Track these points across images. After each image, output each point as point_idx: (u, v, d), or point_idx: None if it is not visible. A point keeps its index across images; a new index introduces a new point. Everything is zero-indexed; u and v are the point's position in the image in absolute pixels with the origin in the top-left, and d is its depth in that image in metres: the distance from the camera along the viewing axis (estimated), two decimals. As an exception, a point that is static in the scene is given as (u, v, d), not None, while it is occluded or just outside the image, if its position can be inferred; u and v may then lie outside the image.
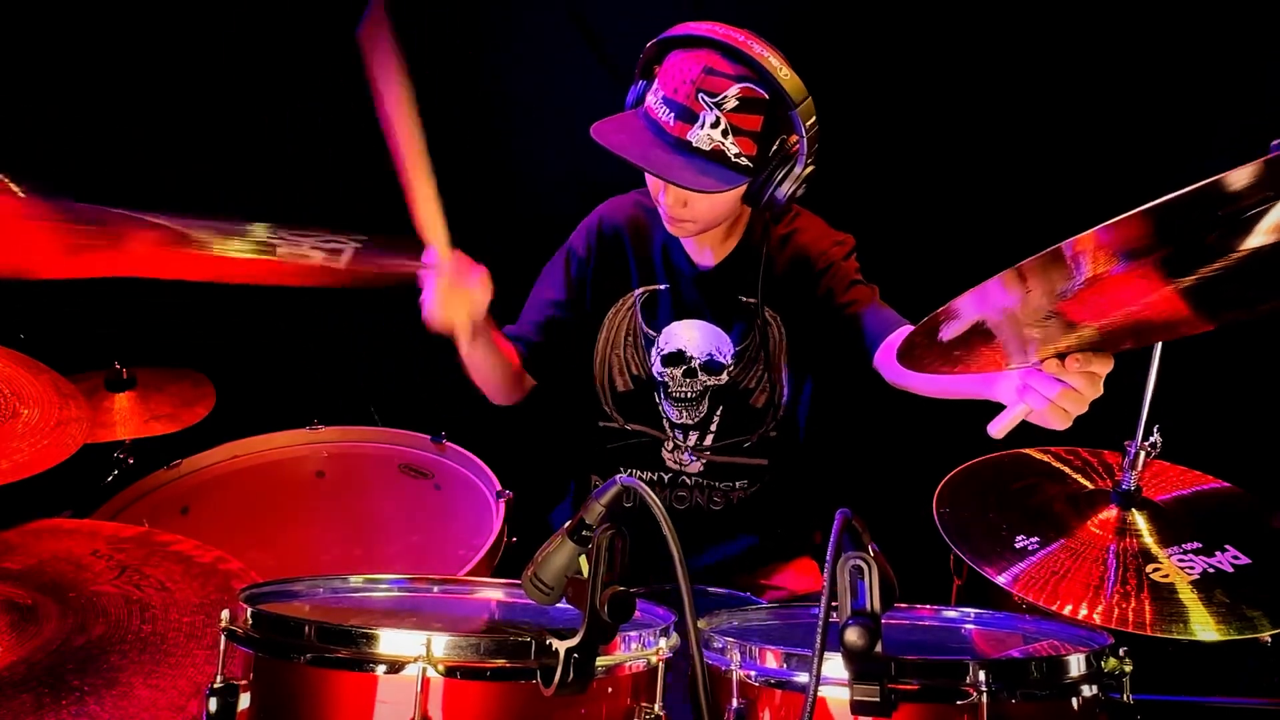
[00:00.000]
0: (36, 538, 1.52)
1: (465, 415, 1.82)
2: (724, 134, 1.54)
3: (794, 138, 1.57)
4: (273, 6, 2.48)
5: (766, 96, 1.54)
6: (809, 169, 1.59)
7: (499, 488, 1.90)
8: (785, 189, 1.60)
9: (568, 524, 1.00)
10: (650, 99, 1.60)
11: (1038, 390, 1.20)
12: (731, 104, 1.53)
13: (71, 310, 2.24)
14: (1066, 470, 1.70)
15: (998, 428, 1.24)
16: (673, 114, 1.55)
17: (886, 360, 1.63)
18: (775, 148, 1.58)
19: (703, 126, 1.54)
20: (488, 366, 1.73)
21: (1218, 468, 1.69)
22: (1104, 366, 1.17)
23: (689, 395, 1.83)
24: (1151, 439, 1.51)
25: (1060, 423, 1.21)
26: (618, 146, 1.57)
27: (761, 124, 1.55)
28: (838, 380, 1.92)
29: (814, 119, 1.57)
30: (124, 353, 2.27)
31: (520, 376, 1.83)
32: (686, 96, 1.54)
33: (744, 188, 1.61)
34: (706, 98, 1.53)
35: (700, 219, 1.66)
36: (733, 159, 1.56)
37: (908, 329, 1.61)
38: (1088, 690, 1.08)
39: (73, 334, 2.16)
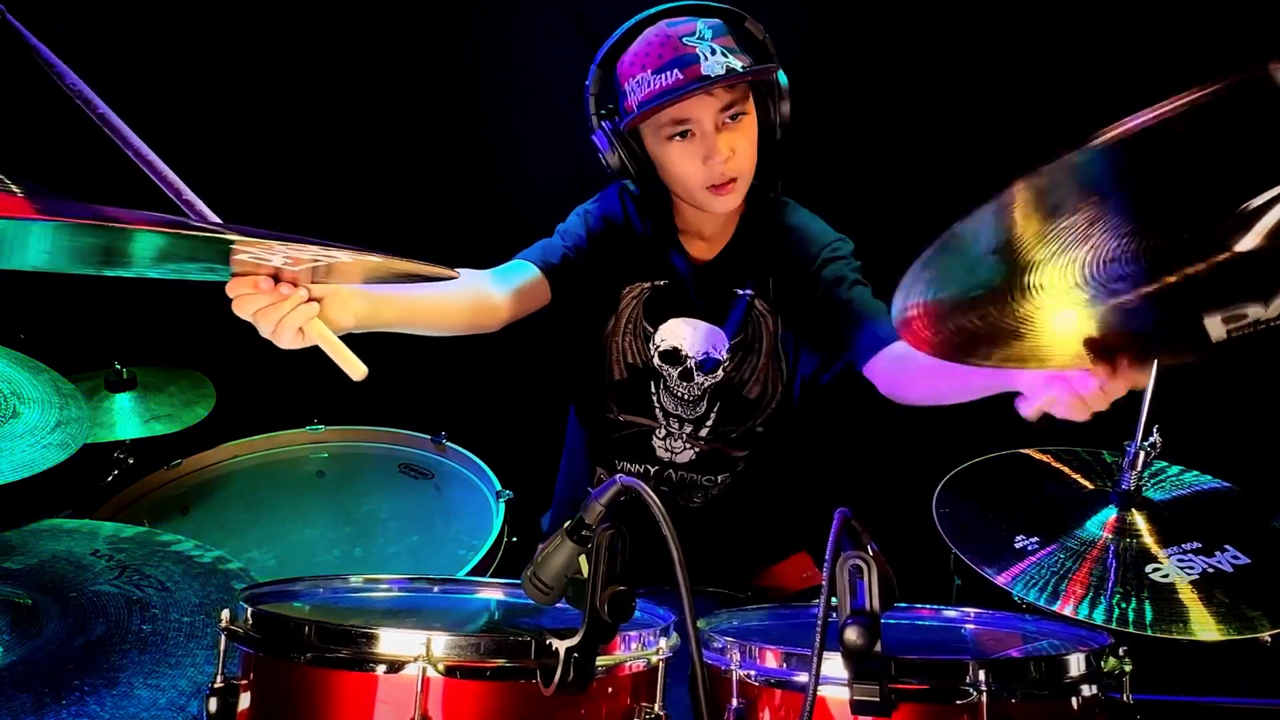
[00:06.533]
0: (36, 538, 1.53)
1: (465, 415, 1.82)
2: (725, 54, 1.53)
3: (764, 40, 1.61)
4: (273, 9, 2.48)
5: (721, 20, 1.57)
6: (778, 70, 1.61)
7: (499, 488, 1.90)
8: (785, 106, 1.63)
9: (567, 523, 0.99)
10: (641, 92, 1.57)
11: (1071, 383, 1.17)
12: (708, 33, 1.54)
13: (71, 310, 2.24)
14: (1066, 470, 1.70)
15: (1030, 410, 1.22)
16: (677, 69, 1.52)
17: (880, 371, 1.61)
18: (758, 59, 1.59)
19: (706, 60, 1.52)
20: (413, 324, 1.46)
21: (1218, 468, 1.69)
22: (1144, 380, 1.17)
23: (687, 397, 1.81)
24: (1151, 439, 1.51)
25: (1081, 415, 1.19)
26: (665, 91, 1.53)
27: (735, 40, 1.56)
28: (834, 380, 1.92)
29: (758, 23, 1.61)
30: (124, 353, 2.27)
31: (470, 308, 1.54)
32: (674, 49, 1.53)
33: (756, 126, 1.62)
34: (687, 40, 1.53)
35: (744, 168, 1.63)
36: (745, 71, 1.54)
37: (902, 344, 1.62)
38: (1087, 690, 1.08)
39: (73, 334, 2.16)
